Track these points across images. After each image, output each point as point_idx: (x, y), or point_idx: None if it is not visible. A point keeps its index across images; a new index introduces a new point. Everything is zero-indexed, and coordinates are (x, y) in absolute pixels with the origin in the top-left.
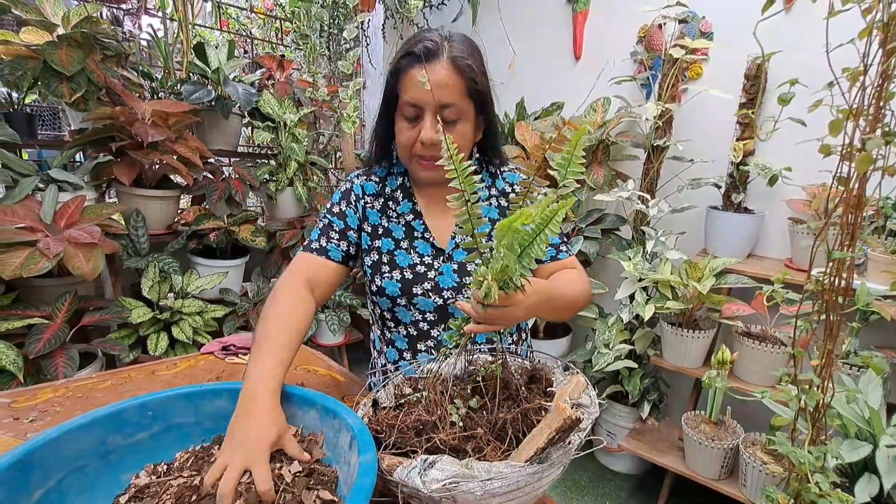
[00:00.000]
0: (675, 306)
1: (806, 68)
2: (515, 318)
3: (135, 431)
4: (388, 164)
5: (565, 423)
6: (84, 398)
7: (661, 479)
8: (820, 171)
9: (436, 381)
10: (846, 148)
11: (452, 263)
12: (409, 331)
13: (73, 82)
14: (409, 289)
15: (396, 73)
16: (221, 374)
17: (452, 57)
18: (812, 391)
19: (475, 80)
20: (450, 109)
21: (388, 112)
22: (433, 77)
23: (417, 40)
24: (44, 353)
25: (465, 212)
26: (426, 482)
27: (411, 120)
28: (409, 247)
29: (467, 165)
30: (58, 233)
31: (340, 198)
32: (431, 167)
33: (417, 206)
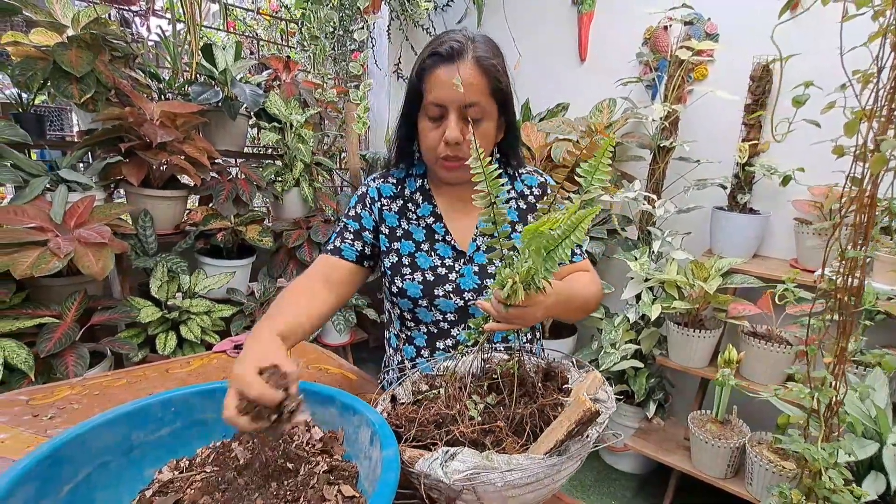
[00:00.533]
0: (681, 306)
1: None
2: (535, 318)
3: (158, 427)
4: (408, 166)
5: (585, 416)
6: (100, 395)
7: (667, 478)
8: (833, 171)
9: (453, 378)
10: (860, 149)
11: (473, 265)
12: (429, 329)
13: (82, 83)
14: (430, 290)
15: (421, 73)
16: None
17: (477, 57)
18: (825, 389)
19: (499, 79)
20: (474, 108)
21: (411, 113)
22: (459, 76)
23: (442, 41)
24: (54, 352)
25: (489, 212)
26: (448, 473)
27: (435, 120)
28: (429, 249)
29: (494, 168)
30: (67, 233)
31: (357, 202)
32: (457, 168)
33: (437, 209)
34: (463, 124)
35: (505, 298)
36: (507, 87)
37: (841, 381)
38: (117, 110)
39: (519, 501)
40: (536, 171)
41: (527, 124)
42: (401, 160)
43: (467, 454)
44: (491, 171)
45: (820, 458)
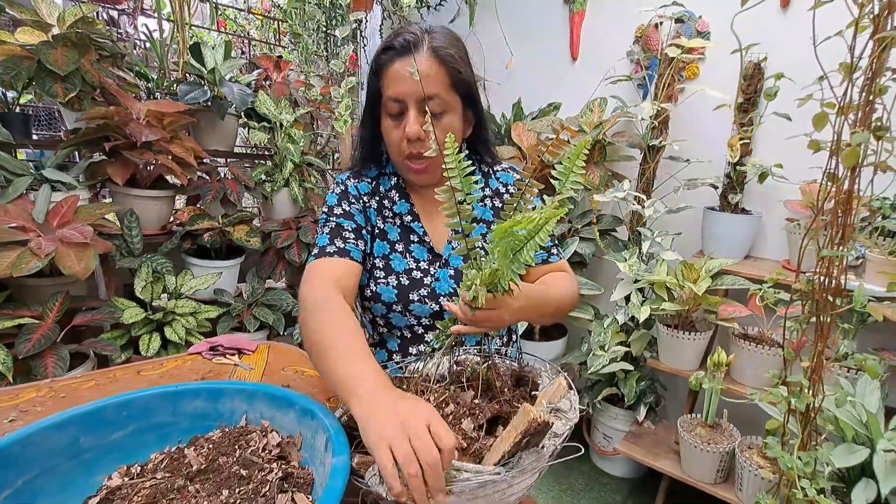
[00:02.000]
0: (670, 308)
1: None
2: (503, 321)
3: (111, 431)
4: (378, 167)
5: (531, 427)
6: (67, 398)
7: (658, 482)
8: (810, 167)
9: (419, 381)
10: (834, 143)
11: (449, 269)
12: (403, 334)
13: (67, 82)
14: (405, 295)
15: (377, 69)
16: (207, 375)
17: (433, 47)
18: (802, 394)
19: (458, 69)
20: (434, 101)
21: (373, 112)
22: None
23: (397, 34)
24: (33, 353)
25: (452, 205)
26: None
27: (396, 117)
28: (404, 250)
29: (464, 160)
30: (50, 232)
31: (339, 199)
32: (424, 170)
33: (415, 208)
34: (423, 119)
35: (471, 300)
36: (470, 79)
37: (819, 385)
38: (102, 109)
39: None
40: (512, 168)
41: (518, 124)
42: (368, 162)
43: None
44: (464, 166)
45: (795, 467)
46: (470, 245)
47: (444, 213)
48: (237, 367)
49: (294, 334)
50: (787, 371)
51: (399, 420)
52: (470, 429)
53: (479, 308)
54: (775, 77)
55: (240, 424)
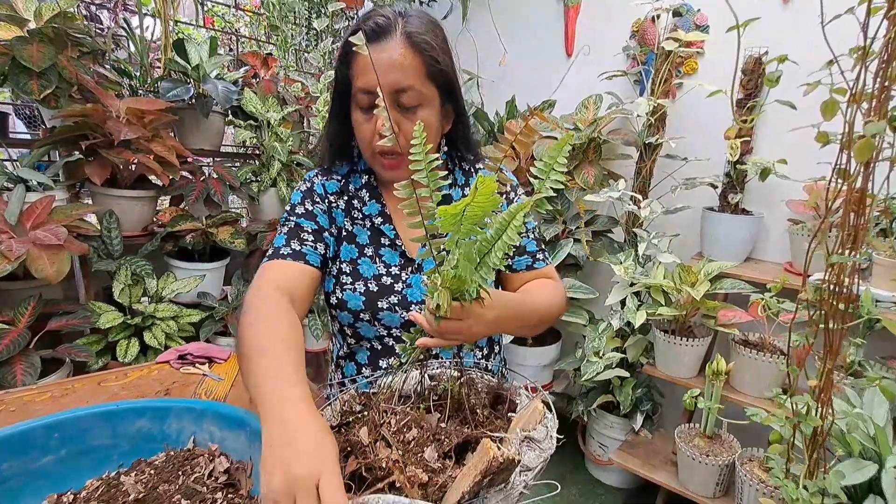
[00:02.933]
0: (667, 313)
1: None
2: (473, 333)
3: (39, 456)
4: (349, 163)
5: (491, 466)
6: (18, 412)
7: (655, 493)
8: (818, 163)
9: (384, 398)
10: (846, 135)
11: (422, 274)
12: (372, 345)
13: (42, 79)
14: (373, 303)
15: (346, 57)
16: (172, 387)
17: (408, 33)
18: (809, 417)
19: (436, 58)
20: (408, 94)
21: (343, 104)
22: (386, 56)
23: (368, 17)
24: (2, 359)
25: (413, 202)
26: None
27: (367, 110)
28: (374, 254)
29: (434, 158)
30: (23, 234)
31: (302, 198)
32: (397, 166)
33: (386, 209)
34: (396, 113)
35: (435, 309)
36: (449, 68)
37: (828, 408)
38: (79, 107)
39: None
40: (500, 165)
41: (512, 122)
42: (336, 158)
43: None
44: (430, 159)
45: (800, 500)
46: (436, 248)
47: (403, 210)
48: (206, 378)
49: None
50: (792, 387)
51: (292, 473)
52: (433, 458)
53: (444, 318)
54: (778, 60)
55: (187, 447)
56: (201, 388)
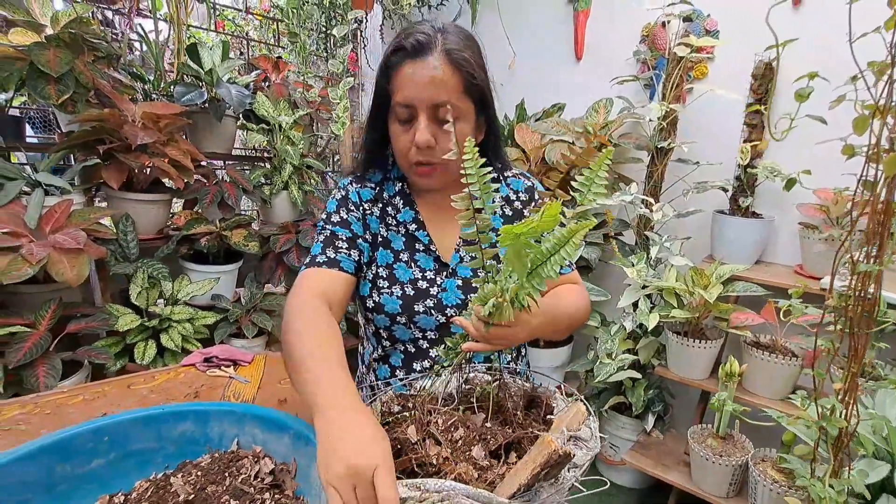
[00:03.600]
0: (680, 315)
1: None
2: (518, 339)
3: (89, 459)
4: (383, 171)
5: (550, 459)
6: (53, 415)
7: (667, 493)
8: (843, 173)
9: (426, 400)
10: (872, 148)
11: (456, 279)
12: (406, 348)
13: (60, 84)
14: (410, 306)
15: (387, 70)
16: (201, 389)
17: (447, 50)
18: (834, 418)
19: (473, 74)
20: (445, 108)
21: (381, 115)
22: (426, 73)
23: (408, 33)
24: (24, 362)
25: (469, 214)
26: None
27: (405, 122)
28: (409, 259)
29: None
30: (43, 238)
31: (338, 206)
32: (429, 174)
33: (420, 216)
34: (434, 126)
35: (486, 316)
36: (484, 83)
37: (852, 409)
38: (96, 112)
39: None
40: (523, 174)
41: (521, 125)
42: (370, 166)
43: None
44: (483, 172)
45: (828, 497)
46: (487, 256)
47: (459, 221)
48: (232, 380)
49: None
50: (817, 392)
51: (350, 463)
52: (481, 456)
53: (494, 325)
54: (809, 76)
55: (230, 449)
56: (229, 391)
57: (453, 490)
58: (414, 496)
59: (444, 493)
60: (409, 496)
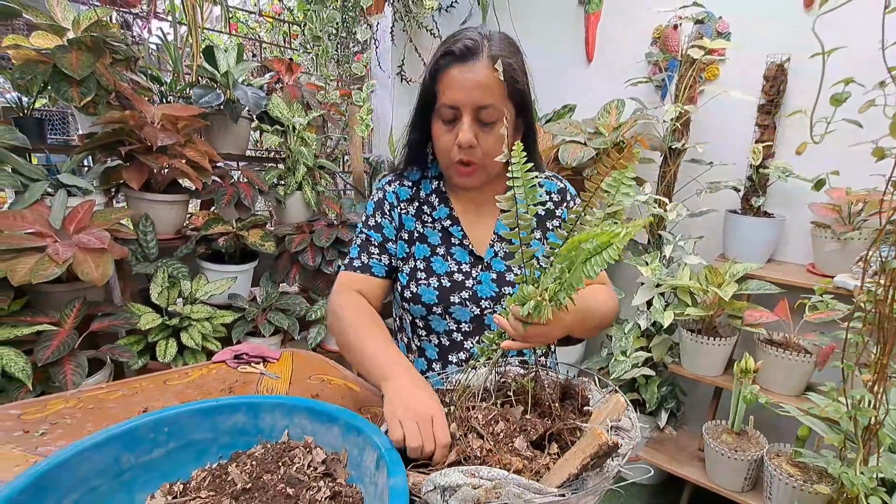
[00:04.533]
0: (695, 313)
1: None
2: (553, 336)
3: (150, 449)
4: (421, 169)
5: (601, 450)
6: (95, 409)
7: (680, 488)
8: (871, 175)
9: (465, 394)
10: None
11: (491, 272)
12: (441, 340)
13: (82, 86)
14: (446, 297)
15: (434, 73)
16: (234, 385)
17: (492, 56)
18: (864, 409)
19: (516, 80)
20: (488, 111)
21: (425, 115)
22: (473, 77)
23: (456, 39)
24: (52, 360)
25: (513, 214)
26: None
27: (448, 122)
28: (445, 253)
29: (534, 176)
30: (67, 238)
31: (374, 209)
32: (470, 174)
33: (454, 212)
34: (476, 127)
35: (525, 316)
36: (525, 88)
37: (881, 400)
38: (118, 114)
39: None
40: (555, 177)
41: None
42: (411, 163)
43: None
44: (530, 177)
45: (859, 483)
46: (527, 256)
47: (503, 221)
48: (263, 376)
49: (308, 338)
50: (847, 385)
51: (415, 408)
52: (523, 447)
53: (532, 324)
54: (844, 82)
55: (281, 440)
56: (261, 386)
57: (505, 478)
58: (469, 482)
59: (496, 481)
60: (464, 482)
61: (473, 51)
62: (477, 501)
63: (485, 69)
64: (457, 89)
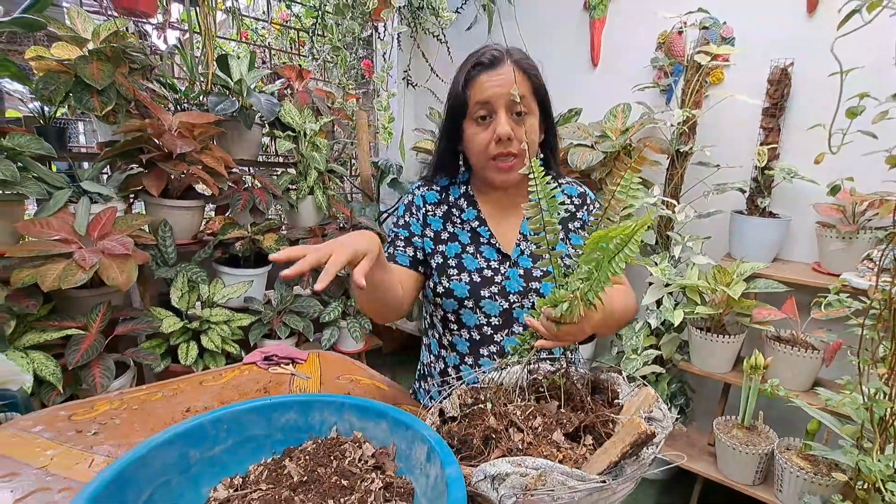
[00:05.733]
0: (704, 311)
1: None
2: (583, 334)
3: (212, 445)
4: (451, 176)
5: (639, 438)
6: (139, 410)
7: (690, 483)
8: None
9: (499, 392)
10: None
11: (518, 269)
12: (472, 335)
13: (103, 96)
14: (477, 291)
15: (466, 82)
16: (269, 385)
17: (516, 60)
18: (880, 400)
19: (538, 77)
20: (520, 103)
21: (456, 123)
22: (502, 77)
23: (482, 52)
24: (82, 363)
25: (539, 220)
26: (498, 491)
27: (483, 120)
28: (475, 251)
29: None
30: (91, 244)
31: (405, 210)
32: (509, 168)
33: (482, 213)
34: (511, 120)
35: (558, 317)
36: (545, 90)
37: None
38: (138, 122)
39: None
40: (575, 182)
41: None
42: (440, 170)
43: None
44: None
45: (877, 471)
46: (554, 259)
47: (530, 227)
48: (294, 377)
49: (322, 340)
50: (863, 379)
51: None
52: (561, 440)
53: (565, 324)
54: (859, 96)
55: (330, 436)
56: (294, 386)
57: (549, 467)
58: (517, 471)
59: (541, 470)
60: (512, 471)
61: (499, 59)
62: (525, 488)
63: (511, 70)
64: (489, 88)
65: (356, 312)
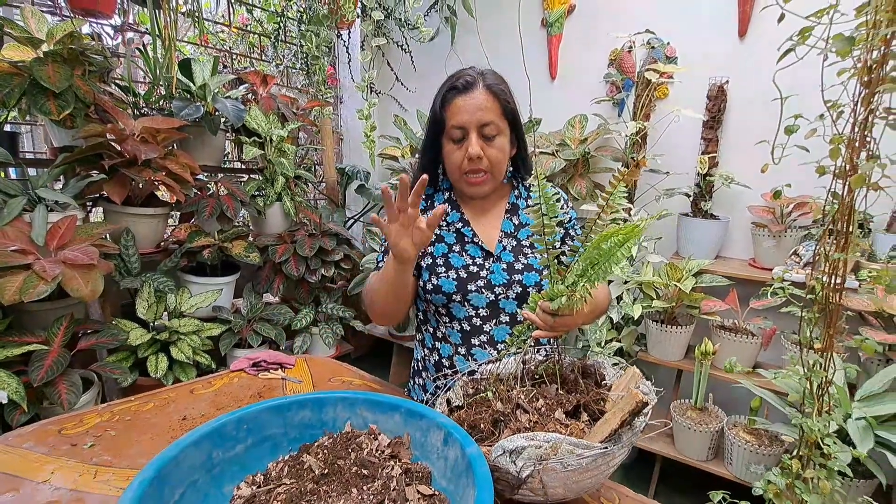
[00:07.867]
0: (660, 305)
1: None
2: (575, 325)
3: (233, 445)
4: (434, 185)
5: (637, 406)
6: (133, 420)
7: (651, 465)
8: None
9: (499, 381)
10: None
11: (501, 263)
12: (462, 326)
13: (60, 99)
14: (464, 286)
15: (443, 104)
16: (262, 390)
17: (487, 85)
18: (817, 371)
19: (508, 101)
20: (490, 126)
21: (435, 141)
22: (474, 102)
23: (458, 77)
24: (46, 380)
25: (539, 223)
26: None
27: (458, 141)
28: (461, 250)
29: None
30: (49, 254)
31: None
32: (480, 183)
33: (465, 216)
34: (482, 142)
35: (555, 310)
36: (515, 108)
37: (829, 363)
38: (98, 127)
39: (578, 486)
40: (550, 184)
41: None
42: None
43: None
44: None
45: (816, 430)
46: (552, 256)
47: (531, 229)
48: (286, 381)
49: (294, 348)
50: (803, 354)
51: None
52: (563, 417)
53: (560, 316)
54: (794, 117)
55: (345, 430)
56: (287, 391)
57: (559, 439)
58: (531, 444)
59: (552, 442)
60: (527, 444)
61: (472, 83)
62: (539, 458)
63: (482, 95)
64: (463, 113)
65: (327, 318)
